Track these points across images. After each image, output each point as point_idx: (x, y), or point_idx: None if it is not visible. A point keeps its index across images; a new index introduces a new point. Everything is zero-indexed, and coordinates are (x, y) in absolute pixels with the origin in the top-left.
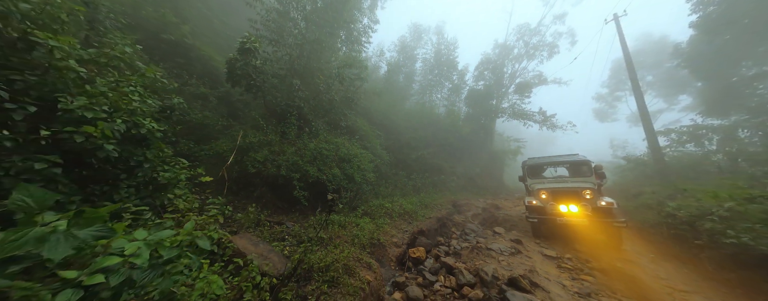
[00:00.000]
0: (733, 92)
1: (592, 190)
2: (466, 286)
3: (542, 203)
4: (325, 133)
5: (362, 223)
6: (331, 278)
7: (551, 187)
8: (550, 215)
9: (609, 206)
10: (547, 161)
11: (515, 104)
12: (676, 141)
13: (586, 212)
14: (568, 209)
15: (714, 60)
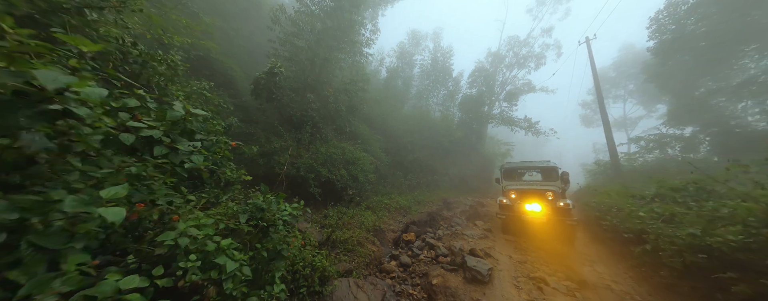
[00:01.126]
0: (693, 106)
1: (554, 192)
2: (441, 256)
3: (511, 201)
4: (334, 139)
5: (366, 215)
6: (349, 247)
7: (519, 188)
8: (517, 212)
9: (566, 206)
10: (521, 166)
11: (504, 111)
12: (645, 147)
13: (547, 211)
14: (532, 208)
15: (674, 78)
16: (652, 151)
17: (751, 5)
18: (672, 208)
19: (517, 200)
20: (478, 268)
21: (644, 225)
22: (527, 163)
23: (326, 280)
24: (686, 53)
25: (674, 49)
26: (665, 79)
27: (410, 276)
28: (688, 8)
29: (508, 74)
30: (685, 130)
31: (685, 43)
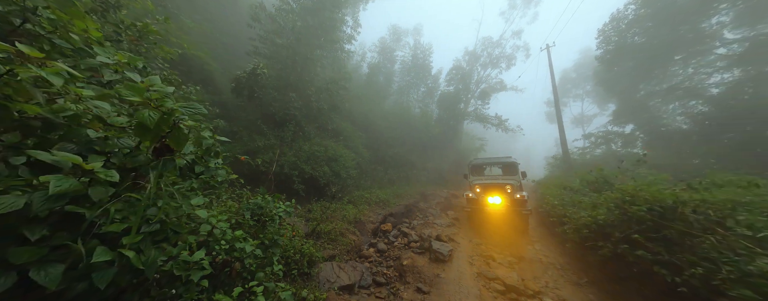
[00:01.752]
0: (633, 107)
1: (513, 185)
2: (413, 242)
3: (476, 195)
4: (316, 137)
5: (348, 208)
6: (333, 237)
7: (483, 182)
8: (481, 205)
9: (522, 198)
10: (486, 162)
11: (478, 108)
12: (594, 143)
13: (506, 202)
14: (494, 200)
15: (618, 82)
16: (599, 146)
17: (679, 21)
18: (579, 197)
19: (481, 194)
20: (441, 250)
21: (565, 211)
22: (491, 159)
23: (313, 263)
24: (628, 61)
25: (618, 57)
26: (611, 84)
27: (385, 260)
28: (628, 22)
29: (482, 73)
30: (626, 128)
31: (627, 52)
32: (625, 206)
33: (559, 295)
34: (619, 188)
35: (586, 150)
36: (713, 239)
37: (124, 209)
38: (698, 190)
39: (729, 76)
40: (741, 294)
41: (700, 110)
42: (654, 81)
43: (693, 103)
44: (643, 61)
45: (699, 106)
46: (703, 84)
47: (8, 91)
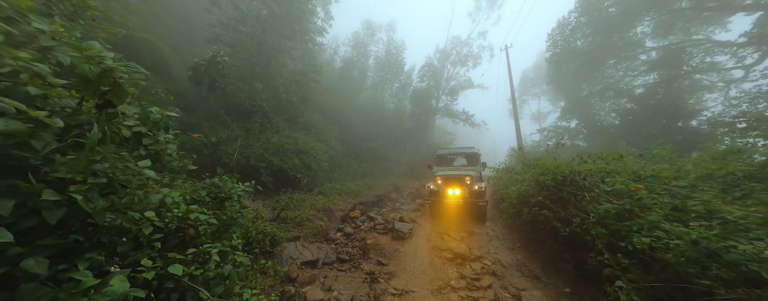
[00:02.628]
0: (577, 104)
1: (472, 176)
2: (378, 225)
3: (437, 187)
4: (286, 129)
5: (318, 199)
6: (298, 222)
7: (444, 174)
8: (441, 197)
9: (480, 189)
10: (450, 152)
11: (448, 105)
12: (546, 137)
13: (464, 194)
14: (454, 192)
15: (564, 82)
16: (551, 139)
17: (611, 30)
18: (516, 176)
19: (443, 186)
20: (402, 229)
21: (507, 190)
22: (455, 149)
23: (276, 243)
24: (572, 63)
25: (564, 60)
26: (559, 83)
27: (351, 241)
28: (571, 28)
29: (452, 70)
30: (572, 123)
31: (571, 55)
32: (539, 178)
33: (496, 258)
34: (535, 164)
35: (540, 143)
36: (588, 196)
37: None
38: (588, 162)
39: (648, 79)
40: (598, 231)
41: (627, 107)
42: (593, 82)
43: (622, 102)
44: (584, 64)
45: (626, 104)
46: (630, 85)
47: None
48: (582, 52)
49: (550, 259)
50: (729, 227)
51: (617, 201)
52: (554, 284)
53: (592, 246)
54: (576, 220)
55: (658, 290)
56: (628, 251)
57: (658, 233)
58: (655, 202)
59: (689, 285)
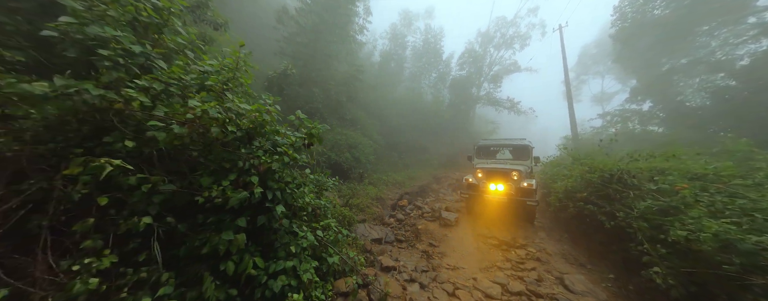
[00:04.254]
0: (652, 83)
1: (520, 172)
2: (426, 213)
3: (477, 181)
4: (337, 127)
5: (369, 189)
6: (361, 208)
7: (486, 167)
8: (481, 192)
9: (529, 187)
10: (494, 144)
11: (490, 92)
12: (610, 122)
13: (510, 191)
14: (496, 187)
15: (636, 59)
16: (615, 125)
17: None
18: (562, 173)
19: (483, 179)
20: (449, 217)
21: (553, 184)
22: (502, 141)
23: (351, 223)
24: (647, 37)
25: (635, 34)
26: (629, 61)
27: (403, 226)
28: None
29: (495, 55)
30: (643, 105)
31: (646, 28)
32: (585, 175)
33: (541, 246)
34: (583, 161)
35: (601, 130)
36: (632, 193)
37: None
38: (639, 161)
39: (758, 47)
40: (639, 225)
41: (723, 84)
42: (677, 55)
43: (716, 78)
44: (665, 35)
45: (723, 81)
46: (731, 55)
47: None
48: (661, 22)
49: (598, 250)
50: (756, 223)
51: (662, 199)
52: (599, 271)
53: (634, 238)
54: (620, 214)
55: (693, 275)
56: (667, 243)
57: (691, 226)
58: (699, 200)
59: (718, 271)
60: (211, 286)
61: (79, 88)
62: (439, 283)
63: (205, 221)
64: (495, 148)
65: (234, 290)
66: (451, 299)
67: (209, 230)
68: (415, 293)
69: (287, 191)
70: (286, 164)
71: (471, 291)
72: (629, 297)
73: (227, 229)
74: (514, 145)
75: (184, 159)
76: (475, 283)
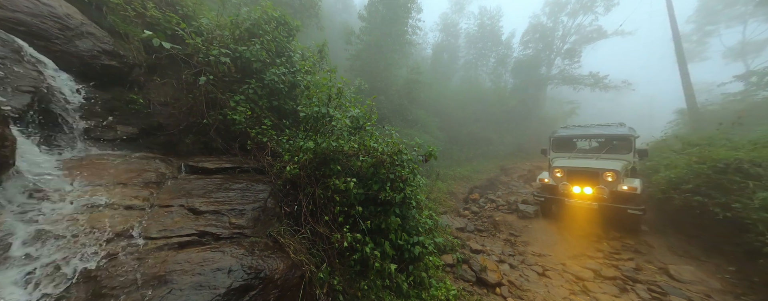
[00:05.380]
0: None
1: (616, 172)
2: (501, 206)
3: (555, 181)
4: (402, 128)
5: (438, 184)
6: (439, 202)
7: (568, 165)
8: (560, 195)
9: (631, 190)
10: (577, 134)
11: (565, 69)
12: (757, 84)
13: (601, 195)
14: (581, 190)
15: None
16: (764, 88)
17: None
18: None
19: (563, 180)
20: (527, 210)
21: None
22: (587, 128)
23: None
24: None
25: None
26: None
27: (479, 218)
28: None
29: (570, 24)
30: None
31: None
32: (693, 165)
33: (641, 238)
34: (688, 151)
35: (738, 97)
36: (752, 184)
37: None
38: (758, 148)
39: None
40: (759, 215)
41: None
42: None
43: None
44: None
45: None
46: None
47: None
48: None
49: (712, 242)
50: None
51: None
52: (715, 263)
53: (755, 229)
54: (736, 205)
55: None
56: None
57: None
58: None
59: None
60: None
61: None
62: (527, 265)
63: (376, 211)
64: (580, 139)
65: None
66: (541, 279)
67: (382, 215)
68: (506, 271)
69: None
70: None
71: (560, 273)
72: (753, 288)
73: (391, 215)
74: (606, 134)
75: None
76: (564, 267)
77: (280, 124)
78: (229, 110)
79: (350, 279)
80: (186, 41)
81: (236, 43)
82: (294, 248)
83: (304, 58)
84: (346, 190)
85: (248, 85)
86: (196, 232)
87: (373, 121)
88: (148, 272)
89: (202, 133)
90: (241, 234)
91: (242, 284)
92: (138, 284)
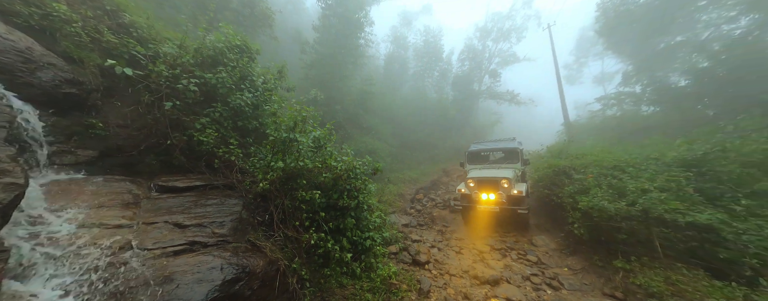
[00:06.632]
0: (646, 64)
1: (510, 179)
2: (439, 203)
3: (469, 190)
4: (356, 135)
5: (390, 187)
6: (389, 203)
7: (478, 176)
8: (473, 202)
9: (519, 194)
10: (483, 148)
11: (491, 86)
12: (606, 105)
13: (501, 199)
14: (488, 197)
15: (626, 46)
16: (611, 107)
17: None
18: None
19: (476, 189)
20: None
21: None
22: (491, 144)
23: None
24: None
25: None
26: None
27: (422, 214)
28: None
29: (494, 48)
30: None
31: (634, 14)
32: (544, 169)
33: None
34: (545, 160)
35: (598, 113)
36: (567, 180)
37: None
38: (580, 157)
39: (734, 28)
40: (566, 201)
41: (702, 66)
42: (667, 36)
43: (695, 59)
44: (653, 20)
45: (701, 61)
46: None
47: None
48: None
49: (555, 218)
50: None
51: (579, 185)
52: (555, 232)
53: (566, 209)
54: (560, 194)
55: (591, 226)
56: (580, 210)
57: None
58: (594, 184)
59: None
60: (345, 241)
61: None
62: (450, 247)
63: (336, 214)
64: (486, 152)
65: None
66: (457, 255)
67: (341, 218)
68: (435, 253)
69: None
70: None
71: (470, 250)
72: (569, 245)
73: (348, 217)
74: (502, 148)
75: (325, 186)
76: (473, 246)
77: (244, 143)
78: (195, 132)
79: (315, 270)
80: (148, 67)
81: (201, 68)
82: (270, 248)
83: (266, 82)
84: (311, 200)
85: (214, 109)
86: (187, 242)
87: (333, 141)
88: (156, 274)
89: (165, 153)
90: (224, 241)
91: (233, 277)
92: (150, 283)
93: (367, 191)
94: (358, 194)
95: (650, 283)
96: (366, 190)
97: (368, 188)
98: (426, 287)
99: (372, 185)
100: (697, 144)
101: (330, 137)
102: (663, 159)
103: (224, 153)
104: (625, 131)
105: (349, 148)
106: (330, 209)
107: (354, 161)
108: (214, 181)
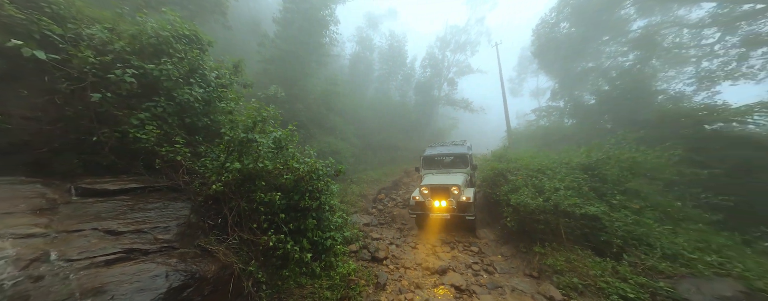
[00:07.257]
0: (567, 84)
1: (459, 186)
2: (399, 203)
3: (423, 198)
4: (318, 135)
5: (353, 187)
6: (351, 204)
7: (430, 183)
8: (426, 210)
9: (467, 201)
10: (436, 153)
11: (449, 94)
12: (539, 116)
13: (451, 206)
14: (440, 204)
15: (553, 67)
16: (542, 118)
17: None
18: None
19: (428, 197)
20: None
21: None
22: (442, 149)
23: (349, 214)
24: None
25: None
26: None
27: (383, 214)
28: (557, 17)
29: (452, 58)
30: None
31: (560, 41)
32: (486, 171)
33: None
34: (488, 163)
35: (533, 122)
36: (503, 180)
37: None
38: (514, 161)
39: (625, 60)
40: (501, 198)
41: (602, 89)
42: (587, 58)
43: (599, 82)
44: (571, 49)
45: (603, 85)
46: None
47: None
48: (567, 39)
49: (496, 213)
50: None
51: (512, 185)
52: (496, 225)
53: (502, 205)
54: (498, 193)
55: (520, 219)
56: (511, 205)
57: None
58: (523, 184)
59: (528, 216)
60: (306, 241)
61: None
62: (406, 243)
63: (297, 216)
64: (439, 157)
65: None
66: (412, 251)
67: (302, 219)
68: (393, 250)
69: (329, 198)
70: (327, 185)
71: (424, 245)
72: (504, 236)
73: (309, 218)
74: (453, 153)
75: (285, 187)
76: (427, 240)
77: (192, 141)
78: (130, 128)
79: (273, 272)
80: (69, 52)
81: (139, 58)
82: (223, 252)
83: (219, 77)
84: (270, 201)
85: (156, 103)
86: (122, 250)
87: (295, 141)
88: (84, 286)
89: (90, 151)
90: (170, 247)
91: (180, 284)
92: (76, 297)
93: (329, 192)
94: (320, 195)
95: (556, 263)
96: (328, 191)
97: (331, 189)
98: (383, 280)
99: (335, 185)
100: (593, 152)
101: (292, 138)
102: (571, 163)
103: (168, 152)
104: (551, 139)
105: (311, 149)
106: (290, 210)
107: (317, 163)
108: (154, 183)
